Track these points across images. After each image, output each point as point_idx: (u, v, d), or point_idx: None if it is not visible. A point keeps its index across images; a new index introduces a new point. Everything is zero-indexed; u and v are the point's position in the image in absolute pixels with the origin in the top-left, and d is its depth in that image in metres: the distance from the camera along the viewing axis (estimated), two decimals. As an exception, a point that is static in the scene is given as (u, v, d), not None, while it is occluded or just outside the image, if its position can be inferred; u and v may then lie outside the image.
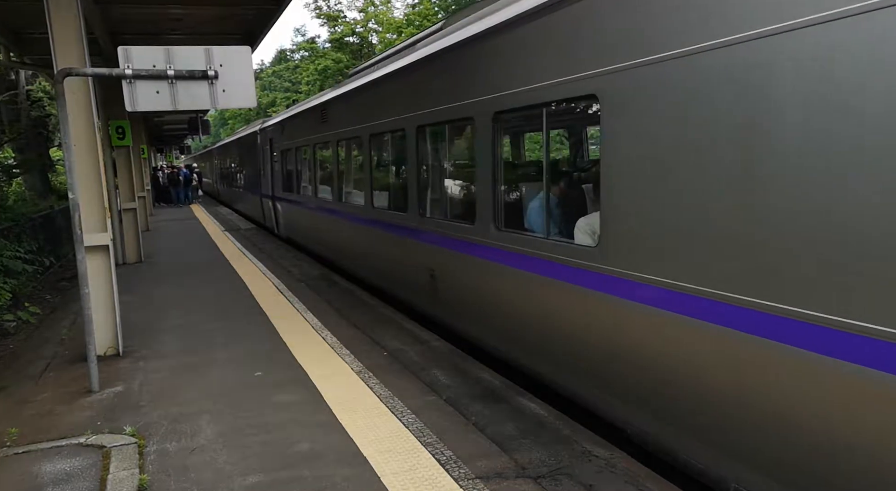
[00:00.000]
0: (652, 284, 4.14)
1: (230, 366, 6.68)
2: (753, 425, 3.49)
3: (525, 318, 5.75)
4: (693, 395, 3.91)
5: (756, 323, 3.39)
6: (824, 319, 3.05)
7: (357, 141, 10.35)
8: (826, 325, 3.05)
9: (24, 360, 7.37)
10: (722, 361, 3.65)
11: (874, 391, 2.88)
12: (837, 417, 3.07)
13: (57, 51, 6.72)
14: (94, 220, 6.98)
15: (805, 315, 3.13)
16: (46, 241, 13.63)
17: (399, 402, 5.50)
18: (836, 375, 3.03)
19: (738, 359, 3.54)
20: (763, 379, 3.39)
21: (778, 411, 3.34)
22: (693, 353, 3.86)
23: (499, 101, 5.85)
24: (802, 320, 3.15)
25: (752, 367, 3.45)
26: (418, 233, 7.95)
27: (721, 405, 3.69)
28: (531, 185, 6.31)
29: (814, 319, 3.10)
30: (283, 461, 4.53)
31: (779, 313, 3.25)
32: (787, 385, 3.27)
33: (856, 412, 2.98)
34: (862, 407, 2.95)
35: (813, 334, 3.10)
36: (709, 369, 3.76)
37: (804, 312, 3.14)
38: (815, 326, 3.09)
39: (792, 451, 3.30)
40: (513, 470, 4.28)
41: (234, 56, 6.25)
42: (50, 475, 4.47)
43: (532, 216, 5.95)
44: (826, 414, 3.12)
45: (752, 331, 3.42)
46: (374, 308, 9.03)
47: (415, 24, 35.55)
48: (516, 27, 5.56)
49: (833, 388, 3.07)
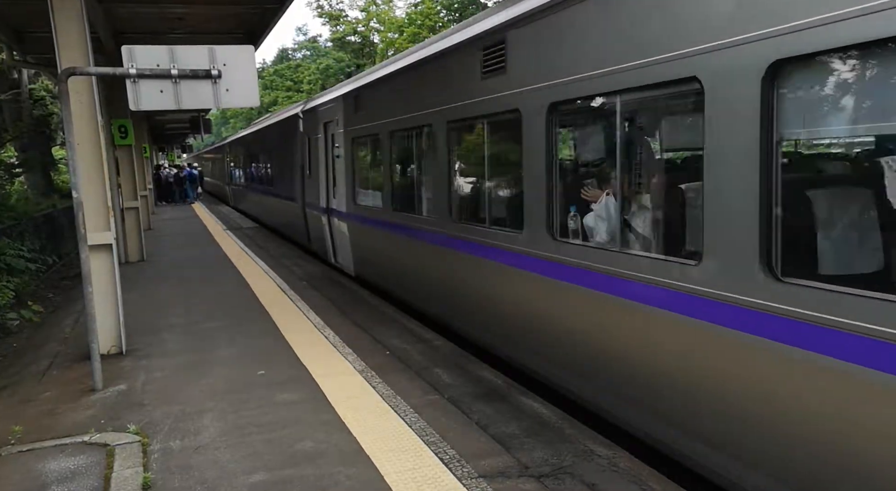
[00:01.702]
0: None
1: (233, 364, 6.69)
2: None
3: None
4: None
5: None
6: None
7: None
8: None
9: (28, 358, 7.39)
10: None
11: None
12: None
13: (60, 50, 6.74)
14: (98, 219, 7.00)
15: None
16: (49, 240, 13.66)
17: (402, 401, 5.51)
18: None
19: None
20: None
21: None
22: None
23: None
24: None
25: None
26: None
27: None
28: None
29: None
30: (286, 460, 4.54)
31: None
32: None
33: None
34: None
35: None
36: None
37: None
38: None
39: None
40: (516, 469, 4.28)
41: (237, 55, 6.26)
42: (54, 473, 4.48)
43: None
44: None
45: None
46: (377, 307, 9.04)
47: (416, 24, 35.54)
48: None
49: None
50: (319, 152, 12.67)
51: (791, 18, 3.18)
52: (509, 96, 5.81)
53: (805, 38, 3.14)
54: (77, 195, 6.14)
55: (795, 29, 3.17)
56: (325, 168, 12.41)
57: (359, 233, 10.63)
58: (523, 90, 5.59)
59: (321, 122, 12.54)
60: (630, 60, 4.31)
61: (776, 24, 3.26)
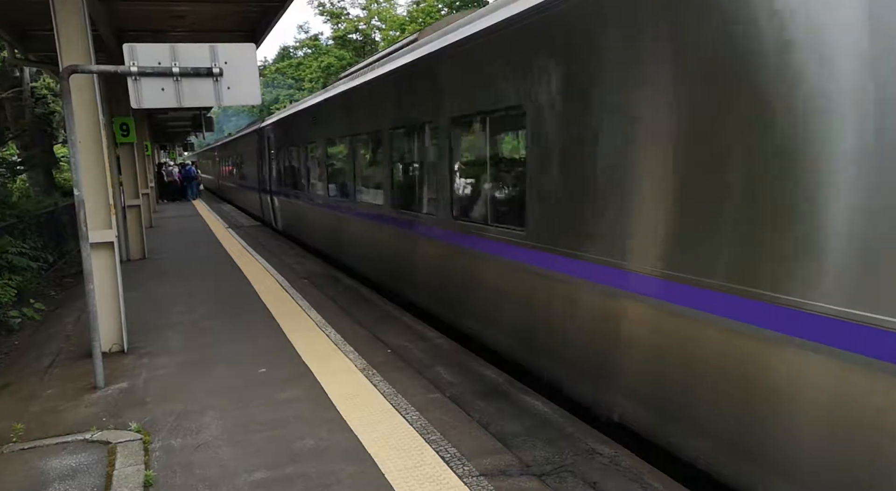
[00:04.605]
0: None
1: (234, 362, 6.70)
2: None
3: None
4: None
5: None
6: None
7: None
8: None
9: (30, 356, 7.40)
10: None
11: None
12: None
13: (62, 48, 6.73)
14: (99, 217, 7.00)
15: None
16: (50, 238, 13.66)
17: (403, 399, 5.51)
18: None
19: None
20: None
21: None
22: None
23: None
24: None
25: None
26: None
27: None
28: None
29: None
30: (287, 457, 4.55)
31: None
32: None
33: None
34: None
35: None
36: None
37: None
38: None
39: None
40: (517, 467, 4.29)
41: (238, 53, 6.26)
42: (56, 471, 4.49)
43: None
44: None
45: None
46: (378, 306, 9.05)
47: (418, 21, 35.49)
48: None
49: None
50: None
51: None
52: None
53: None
54: (79, 193, 6.14)
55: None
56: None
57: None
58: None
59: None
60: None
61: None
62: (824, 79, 3.10)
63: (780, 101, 3.30)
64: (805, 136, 3.18)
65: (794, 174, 3.25)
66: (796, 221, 3.25)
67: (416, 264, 8.56)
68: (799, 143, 3.21)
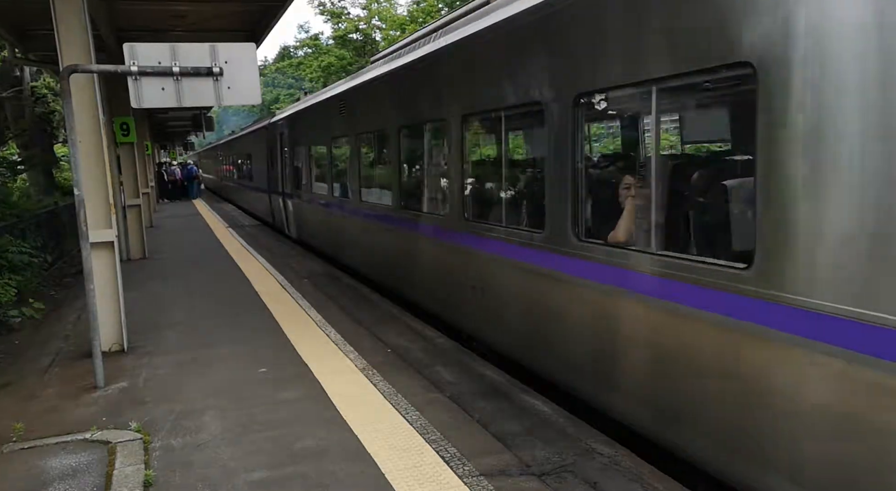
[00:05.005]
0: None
1: (234, 362, 6.69)
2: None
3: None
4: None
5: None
6: None
7: None
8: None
9: (30, 356, 7.40)
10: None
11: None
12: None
13: (62, 48, 6.73)
14: (99, 217, 7.00)
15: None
16: (50, 238, 13.65)
17: (403, 399, 5.51)
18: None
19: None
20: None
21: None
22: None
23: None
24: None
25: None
26: None
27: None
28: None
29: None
30: (287, 457, 4.54)
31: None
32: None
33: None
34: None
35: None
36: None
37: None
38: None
39: None
40: (517, 467, 4.28)
41: (238, 53, 6.26)
42: (56, 470, 4.49)
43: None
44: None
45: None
46: (378, 305, 9.05)
47: (418, 21, 35.48)
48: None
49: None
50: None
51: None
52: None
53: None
54: (79, 192, 6.14)
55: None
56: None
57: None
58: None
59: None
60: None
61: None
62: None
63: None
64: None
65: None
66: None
67: (519, 301, 5.92)
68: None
